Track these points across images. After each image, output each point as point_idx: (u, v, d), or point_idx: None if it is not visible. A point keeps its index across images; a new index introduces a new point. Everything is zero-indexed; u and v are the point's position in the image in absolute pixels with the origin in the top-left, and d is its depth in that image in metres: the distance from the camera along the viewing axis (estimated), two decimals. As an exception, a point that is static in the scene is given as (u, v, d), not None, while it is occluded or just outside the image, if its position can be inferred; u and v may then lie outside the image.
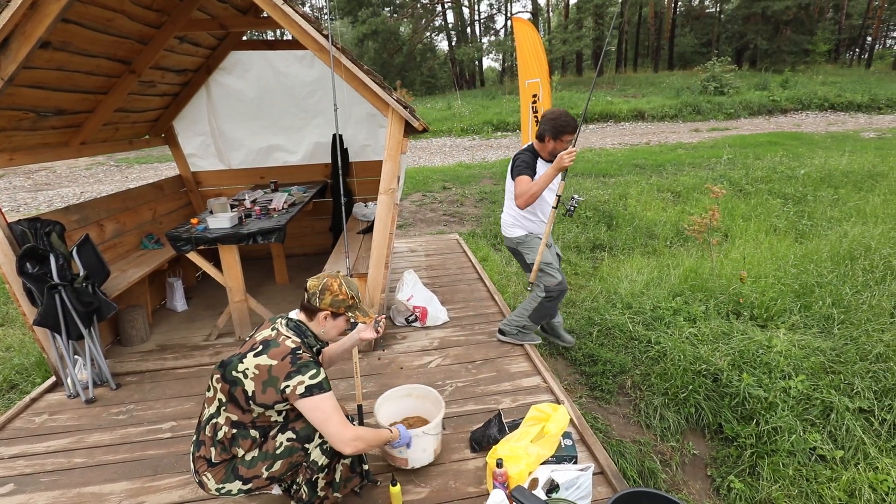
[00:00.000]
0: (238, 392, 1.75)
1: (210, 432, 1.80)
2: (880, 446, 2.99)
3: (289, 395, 1.72)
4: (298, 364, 1.73)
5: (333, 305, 1.88)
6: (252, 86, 4.89)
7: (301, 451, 1.81)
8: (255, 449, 1.80)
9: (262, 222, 3.59)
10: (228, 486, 1.78)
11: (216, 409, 1.80)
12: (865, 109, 17.27)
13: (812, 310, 3.98)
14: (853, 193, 7.25)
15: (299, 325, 1.90)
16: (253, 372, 1.74)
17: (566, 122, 2.87)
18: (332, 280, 1.90)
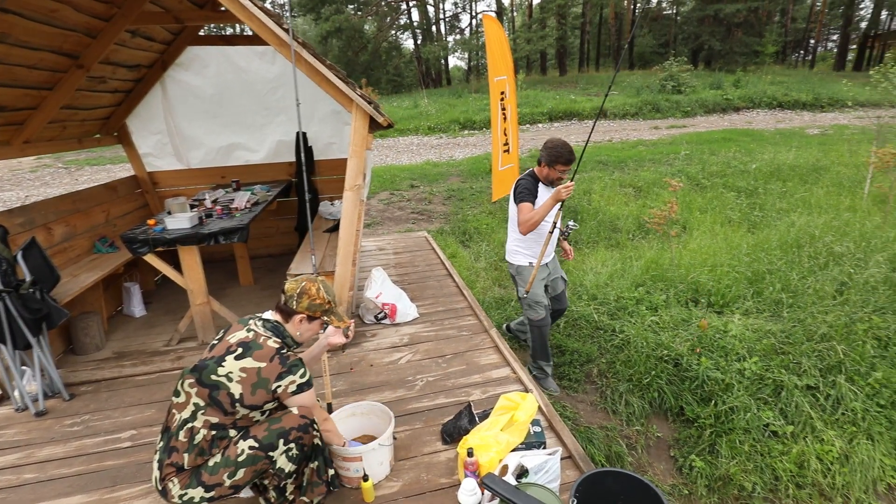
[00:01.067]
0: (222, 395, 1.73)
1: (185, 437, 1.74)
2: (825, 420, 3.18)
3: (280, 395, 1.76)
4: (289, 364, 1.77)
5: (310, 309, 1.89)
6: (211, 82, 4.75)
7: (265, 459, 1.77)
8: (218, 454, 1.75)
9: (223, 222, 3.50)
10: (191, 492, 1.72)
11: (191, 413, 1.75)
12: (810, 108, 18.23)
13: (763, 295, 4.18)
14: (799, 186, 7.65)
15: (276, 326, 1.89)
16: (239, 375, 1.73)
17: (559, 154, 2.95)
18: (311, 284, 1.92)
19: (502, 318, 4.32)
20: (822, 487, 2.97)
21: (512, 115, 6.71)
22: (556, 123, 16.57)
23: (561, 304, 3.50)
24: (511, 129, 6.73)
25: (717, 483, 3.02)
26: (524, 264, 3.21)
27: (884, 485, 3.00)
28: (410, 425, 2.50)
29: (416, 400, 2.71)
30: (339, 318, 1.98)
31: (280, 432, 1.78)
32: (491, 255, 5.86)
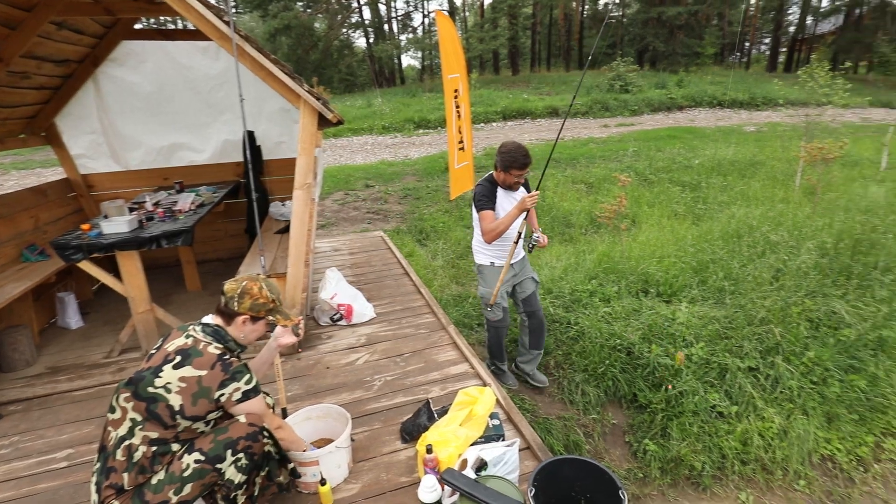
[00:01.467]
0: (160, 408, 1.62)
1: (123, 456, 1.63)
2: (766, 398, 3.37)
3: (224, 403, 1.66)
4: (232, 371, 1.68)
5: (253, 309, 1.80)
6: (149, 79, 4.51)
7: (213, 472, 1.68)
8: (162, 471, 1.65)
9: (166, 225, 3.33)
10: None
11: (128, 430, 1.64)
12: (746, 106, 19.34)
13: (708, 284, 4.39)
14: (738, 180, 8.09)
15: (217, 330, 1.79)
16: (178, 385, 1.63)
17: (514, 158, 2.89)
18: (252, 283, 1.83)
19: (460, 314, 4.33)
20: (765, 462, 3.15)
21: (466, 113, 6.75)
22: (510, 122, 16.80)
23: (531, 307, 3.37)
24: (465, 126, 6.76)
25: (670, 464, 3.15)
26: (486, 264, 3.20)
27: (818, 455, 3.22)
28: (369, 426, 2.46)
29: (374, 400, 2.67)
30: (285, 316, 1.89)
31: (227, 443, 1.70)
32: (448, 253, 5.87)
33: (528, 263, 3.39)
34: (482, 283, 3.24)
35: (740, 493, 3.04)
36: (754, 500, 3.01)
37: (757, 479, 3.11)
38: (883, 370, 3.55)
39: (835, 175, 7.48)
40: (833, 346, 3.63)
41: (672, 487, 3.11)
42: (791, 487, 3.08)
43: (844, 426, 3.31)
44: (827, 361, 3.51)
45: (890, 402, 3.42)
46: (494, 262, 3.16)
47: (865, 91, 20.04)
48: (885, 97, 20.41)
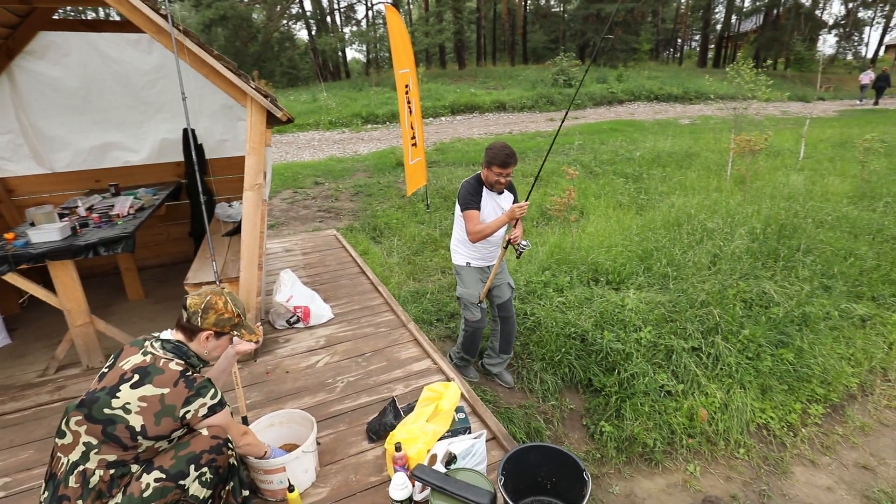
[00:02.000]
0: (119, 430, 1.55)
1: (77, 482, 1.53)
2: (708, 375, 3.61)
3: (190, 420, 1.60)
4: (196, 387, 1.63)
5: (218, 325, 1.75)
6: (74, 74, 4.19)
7: (176, 489, 1.61)
8: (119, 495, 1.57)
9: (103, 231, 3.12)
10: None
11: (81, 455, 1.55)
12: (680, 100, 20.43)
13: (653, 270, 4.63)
14: (676, 171, 8.55)
15: (178, 346, 1.72)
16: (138, 405, 1.56)
17: (494, 155, 2.88)
18: (216, 297, 1.76)
19: (419, 311, 4.34)
20: (709, 434, 3.38)
21: (416, 109, 6.74)
22: (459, 117, 16.89)
23: (505, 312, 3.40)
24: (417, 122, 6.76)
25: (624, 443, 3.32)
26: (462, 264, 3.21)
27: (754, 425, 3.49)
28: (334, 428, 2.44)
29: (338, 402, 2.64)
30: (249, 330, 1.84)
31: (189, 458, 1.64)
32: (403, 250, 5.85)
33: (506, 269, 3.41)
34: (460, 284, 3.25)
35: (689, 465, 3.25)
36: (701, 470, 3.23)
37: (703, 450, 3.34)
38: (807, 343, 3.89)
39: (761, 165, 8.07)
40: (764, 324, 3.94)
41: (627, 465, 3.27)
42: (733, 456, 3.33)
43: (776, 396, 3.61)
44: (760, 338, 3.81)
45: (814, 372, 3.76)
46: (471, 262, 3.17)
47: (784, 86, 21.68)
48: (801, 92, 22.14)
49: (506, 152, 2.87)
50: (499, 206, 3.08)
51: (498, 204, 3.08)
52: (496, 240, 3.13)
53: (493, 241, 3.12)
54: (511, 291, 3.41)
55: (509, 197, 3.16)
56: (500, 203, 3.09)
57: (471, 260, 3.18)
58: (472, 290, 3.19)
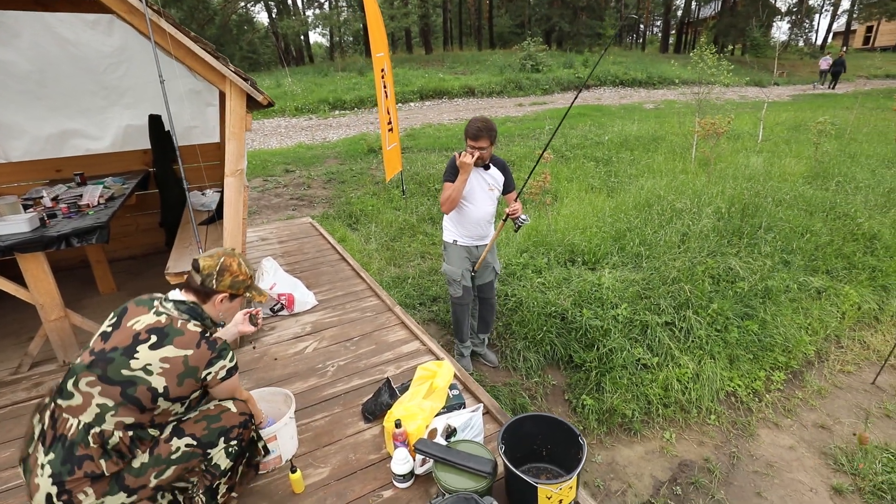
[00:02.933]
0: (140, 392, 1.53)
1: (96, 443, 1.52)
2: (681, 348, 3.80)
3: (209, 382, 1.62)
4: (218, 349, 1.63)
5: (233, 287, 1.74)
6: (26, 57, 3.94)
7: (201, 456, 1.66)
8: (146, 454, 1.59)
9: (74, 221, 3.00)
10: (110, 499, 1.53)
11: (95, 417, 1.52)
12: (644, 85, 20.87)
13: (626, 250, 4.79)
14: (644, 154, 8.79)
15: (193, 307, 1.69)
16: (161, 366, 1.54)
17: (468, 128, 2.88)
18: (231, 259, 1.75)
19: (401, 295, 4.37)
20: (682, 403, 3.58)
21: (391, 93, 6.68)
22: (428, 102, 16.78)
23: (485, 294, 3.45)
24: (392, 107, 6.70)
25: (605, 415, 3.47)
26: (449, 241, 3.23)
27: (723, 392, 3.71)
28: (329, 411, 2.46)
29: (330, 386, 2.66)
30: (259, 292, 1.87)
31: (221, 430, 1.70)
32: (381, 236, 5.85)
33: (495, 252, 3.41)
34: (446, 260, 3.29)
35: (665, 433, 3.43)
36: (676, 436, 3.42)
37: (677, 418, 3.53)
38: (770, 315, 4.14)
39: (723, 147, 8.39)
40: (731, 298, 4.17)
41: (608, 435, 3.44)
42: (704, 422, 3.54)
43: (743, 365, 3.84)
44: (727, 311, 4.03)
45: (776, 341, 4.02)
46: (458, 240, 3.19)
47: (742, 71, 22.44)
48: (757, 77, 22.99)
49: (476, 125, 2.85)
50: (483, 180, 3.05)
51: (483, 178, 3.05)
52: (483, 218, 3.12)
53: (480, 220, 3.12)
54: (494, 276, 3.44)
55: (497, 173, 3.11)
56: (485, 178, 3.06)
57: (458, 238, 3.20)
58: (455, 267, 3.22)
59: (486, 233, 3.25)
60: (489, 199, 3.11)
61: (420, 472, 1.92)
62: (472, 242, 3.22)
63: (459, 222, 3.15)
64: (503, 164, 3.15)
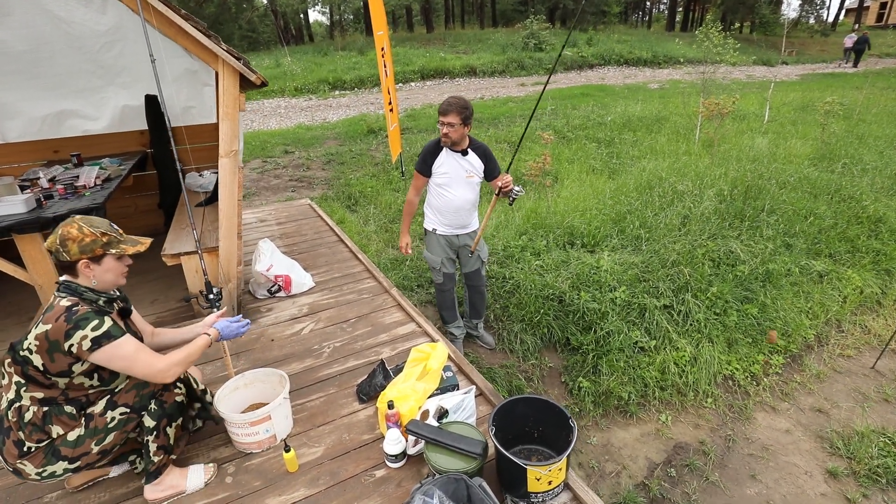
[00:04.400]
0: (31, 370, 1.65)
1: (14, 416, 1.69)
2: (679, 331, 3.80)
3: (78, 353, 1.63)
4: (75, 319, 1.62)
5: (85, 251, 1.71)
6: (19, 36, 3.87)
7: (137, 419, 1.80)
8: (80, 427, 1.72)
9: (71, 202, 3.00)
10: (51, 468, 1.71)
11: (15, 393, 1.69)
12: (650, 64, 20.49)
13: (626, 233, 4.76)
14: (647, 135, 8.68)
15: (68, 283, 1.74)
16: (34, 344, 1.62)
17: (442, 104, 2.79)
18: (68, 227, 1.72)
19: (399, 277, 4.37)
20: (679, 386, 3.59)
21: (390, 72, 6.58)
22: (429, 82, 16.55)
23: (472, 282, 3.39)
24: (391, 87, 6.61)
25: (601, 397, 3.49)
26: (429, 229, 3.19)
27: (721, 376, 3.72)
28: (324, 391, 2.48)
29: (325, 367, 2.67)
30: (132, 243, 1.82)
31: (150, 394, 1.80)
32: (380, 218, 5.82)
33: (483, 241, 3.31)
34: (426, 247, 3.27)
35: (661, 415, 3.45)
36: (672, 419, 3.45)
37: (674, 401, 3.55)
38: (770, 298, 4.12)
39: (727, 128, 8.27)
40: (731, 281, 4.15)
41: (604, 417, 3.46)
42: (701, 405, 3.56)
43: (741, 349, 3.84)
44: (727, 295, 4.01)
45: (775, 325, 4.01)
46: (437, 229, 3.14)
47: (750, 50, 22.00)
48: (766, 56, 22.54)
49: (448, 100, 2.77)
50: (461, 166, 2.94)
51: (460, 165, 2.94)
52: (462, 206, 3.03)
53: (460, 209, 3.03)
54: (481, 263, 3.32)
55: (476, 159, 2.97)
56: (463, 164, 2.94)
57: (437, 226, 3.13)
58: (434, 255, 3.18)
59: (467, 221, 3.15)
60: (468, 186, 3.00)
61: (412, 452, 1.94)
62: (452, 231, 3.13)
63: (439, 210, 3.07)
64: (484, 149, 2.99)
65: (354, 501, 1.84)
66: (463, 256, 3.28)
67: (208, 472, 1.98)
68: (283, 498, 1.88)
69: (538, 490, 1.63)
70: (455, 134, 2.81)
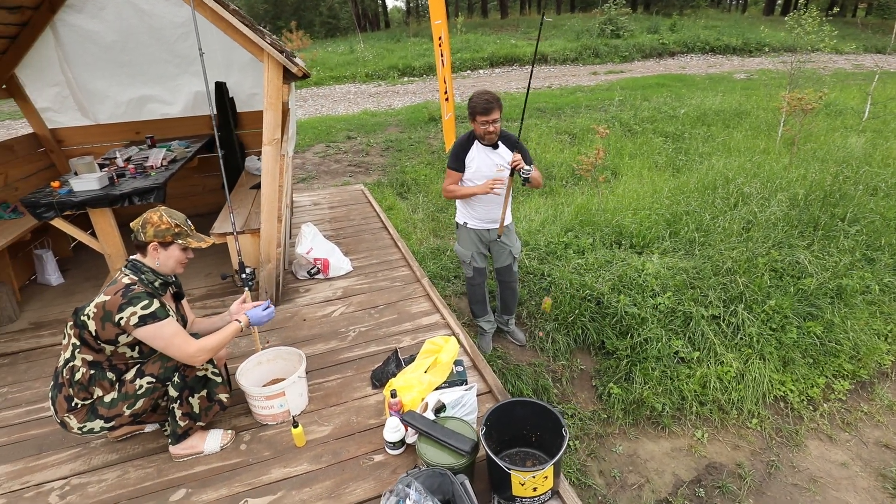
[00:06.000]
0: (86, 334, 1.86)
1: (68, 375, 1.92)
2: (726, 345, 3.55)
3: (125, 327, 1.83)
4: (129, 296, 1.83)
5: (158, 235, 1.95)
6: (111, 27, 4.29)
7: (162, 388, 1.98)
8: (114, 391, 1.93)
9: (137, 181, 3.31)
10: (90, 424, 1.93)
11: (71, 353, 1.91)
12: (739, 52, 18.87)
13: (680, 235, 4.49)
14: (722, 130, 8.06)
15: (135, 263, 1.98)
16: (93, 311, 1.84)
17: (475, 104, 2.71)
18: (152, 213, 1.98)
19: (438, 267, 4.41)
20: (721, 403, 3.37)
21: (447, 62, 6.57)
22: (497, 69, 16.32)
23: (504, 277, 3.32)
24: (448, 76, 6.61)
25: (632, 406, 3.36)
26: (461, 223, 3.14)
27: (771, 396, 3.44)
28: (342, 374, 2.59)
29: (347, 350, 2.79)
30: (197, 239, 2.05)
31: (174, 367, 1.98)
32: (428, 206, 5.89)
33: (513, 234, 3.24)
34: (458, 241, 3.25)
35: (696, 431, 3.27)
36: (709, 436, 3.25)
37: (713, 418, 3.34)
38: (839, 317, 3.73)
39: (817, 125, 7.49)
40: (793, 295, 3.80)
41: (633, 427, 3.33)
42: (744, 425, 3.32)
43: (798, 369, 3.52)
44: (787, 309, 3.68)
45: (843, 347, 3.63)
46: (468, 222, 3.10)
47: (862, 37, 19.63)
48: (880, 43, 19.99)
49: (485, 97, 2.69)
50: (491, 160, 2.87)
51: (490, 159, 2.87)
52: (492, 199, 2.95)
53: (490, 202, 2.97)
54: (513, 259, 3.24)
55: (506, 152, 2.88)
56: (494, 159, 2.87)
57: (468, 220, 3.09)
58: (465, 249, 3.15)
59: (498, 215, 3.05)
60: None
61: (411, 441, 1.99)
62: (483, 226, 3.08)
63: (469, 204, 3.02)
64: (513, 140, 2.90)
65: (350, 481, 1.93)
66: (495, 251, 3.23)
67: (226, 438, 2.15)
68: (286, 470, 2.01)
69: (523, 495, 1.62)
70: (498, 128, 2.78)
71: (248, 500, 1.90)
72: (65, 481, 2.06)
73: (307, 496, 1.90)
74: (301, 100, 13.00)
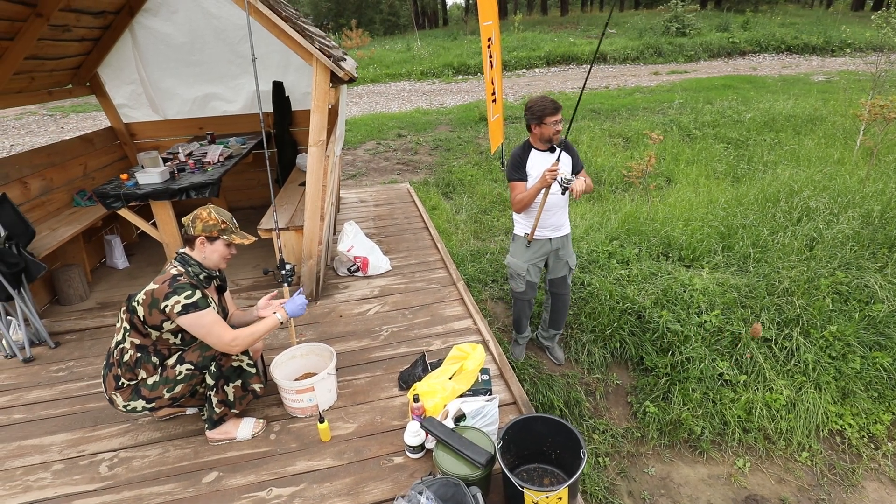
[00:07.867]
0: (136, 319, 2.02)
1: (118, 355, 2.08)
2: (777, 370, 3.33)
3: (169, 314, 1.96)
4: (175, 286, 1.98)
5: (206, 230, 2.09)
6: (181, 30, 4.59)
7: (200, 375, 2.11)
8: (156, 375, 2.07)
9: (195, 177, 3.52)
10: (133, 403, 2.09)
11: (122, 335, 2.07)
12: (819, 52, 17.49)
13: (734, 250, 4.25)
14: (791, 137, 7.53)
15: (183, 255, 2.13)
16: (142, 298, 1.99)
17: (543, 106, 2.74)
18: (202, 210, 2.13)
19: (476, 270, 4.41)
20: (768, 432, 3.17)
21: (497, 63, 6.52)
22: (553, 68, 16.02)
23: (558, 289, 3.25)
24: (497, 77, 6.55)
25: (669, 427, 3.22)
26: (520, 234, 3.08)
27: (826, 430, 3.19)
28: (371, 372, 2.65)
29: (379, 349, 2.85)
30: (241, 236, 2.17)
31: (211, 356, 2.10)
32: (472, 208, 5.89)
33: (570, 245, 3.19)
34: (511, 253, 3.18)
35: (738, 459, 3.09)
36: (751, 467, 3.06)
37: (757, 447, 3.14)
38: (911, 348, 3.41)
39: (903, 135, 6.83)
40: (859, 322, 3.50)
41: (669, 449, 3.19)
42: (792, 458, 3.10)
43: (860, 402, 3.25)
44: (850, 337, 3.40)
45: (914, 381, 3.32)
46: (526, 232, 3.01)
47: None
48: None
49: (550, 100, 2.77)
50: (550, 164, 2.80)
51: (548, 163, 2.82)
52: (554, 204, 2.92)
53: (552, 207, 2.92)
54: (569, 270, 3.19)
55: (565, 156, 2.87)
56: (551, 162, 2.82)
57: (527, 231, 3.00)
58: (520, 260, 3.08)
59: (560, 222, 3.02)
60: (554, 184, 2.92)
61: (430, 446, 2.01)
62: (546, 234, 3.02)
63: (530, 214, 2.96)
64: (567, 144, 2.90)
65: (369, 480, 1.98)
66: (552, 262, 3.16)
67: (258, 426, 2.26)
68: (310, 463, 2.08)
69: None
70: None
71: (273, 489, 1.99)
72: (114, 454, 2.24)
73: (327, 491, 1.96)
74: (357, 97, 13.32)
